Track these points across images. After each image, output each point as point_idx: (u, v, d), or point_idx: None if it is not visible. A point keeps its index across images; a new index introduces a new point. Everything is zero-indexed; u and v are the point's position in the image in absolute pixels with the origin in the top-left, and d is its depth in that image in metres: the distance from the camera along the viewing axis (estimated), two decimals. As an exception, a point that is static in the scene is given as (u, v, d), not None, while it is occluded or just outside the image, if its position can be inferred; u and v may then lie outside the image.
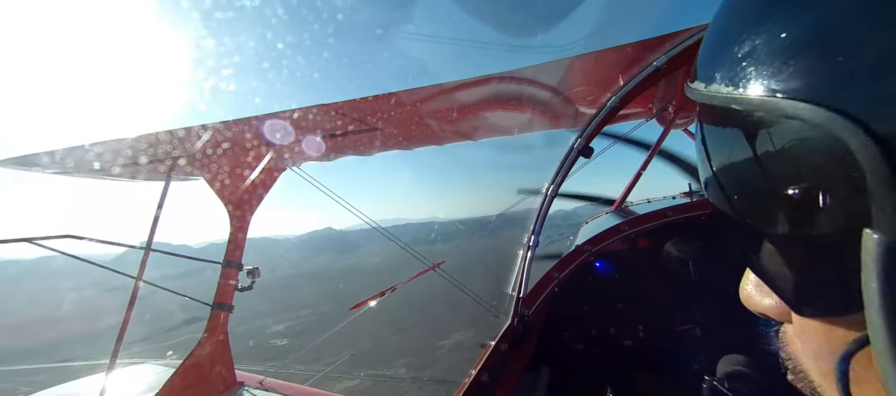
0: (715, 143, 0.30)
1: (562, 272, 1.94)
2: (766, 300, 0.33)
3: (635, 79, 1.54)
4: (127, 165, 2.58)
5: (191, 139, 2.18)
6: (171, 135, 2.11)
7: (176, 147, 2.29)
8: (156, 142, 2.22)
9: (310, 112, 1.92)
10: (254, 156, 2.42)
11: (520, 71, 1.66)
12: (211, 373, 2.45)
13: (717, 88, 0.28)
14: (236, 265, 2.59)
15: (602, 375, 1.88)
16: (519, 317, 1.74)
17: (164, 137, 2.13)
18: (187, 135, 2.14)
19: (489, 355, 1.63)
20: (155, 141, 2.19)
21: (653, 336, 1.94)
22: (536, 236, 1.84)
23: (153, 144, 2.25)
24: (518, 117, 2.21)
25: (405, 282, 2.51)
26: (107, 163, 2.51)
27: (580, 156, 1.76)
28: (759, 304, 0.34)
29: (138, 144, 2.26)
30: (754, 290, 0.35)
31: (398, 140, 2.45)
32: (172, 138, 2.15)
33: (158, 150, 2.36)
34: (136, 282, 2.36)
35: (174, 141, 2.19)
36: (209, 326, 2.49)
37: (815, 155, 0.22)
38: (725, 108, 0.28)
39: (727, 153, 0.29)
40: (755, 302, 0.34)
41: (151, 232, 2.46)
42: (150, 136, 2.14)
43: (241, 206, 2.57)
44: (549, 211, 1.88)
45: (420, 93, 1.84)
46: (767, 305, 0.33)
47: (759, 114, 0.25)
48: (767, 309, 0.33)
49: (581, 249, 1.99)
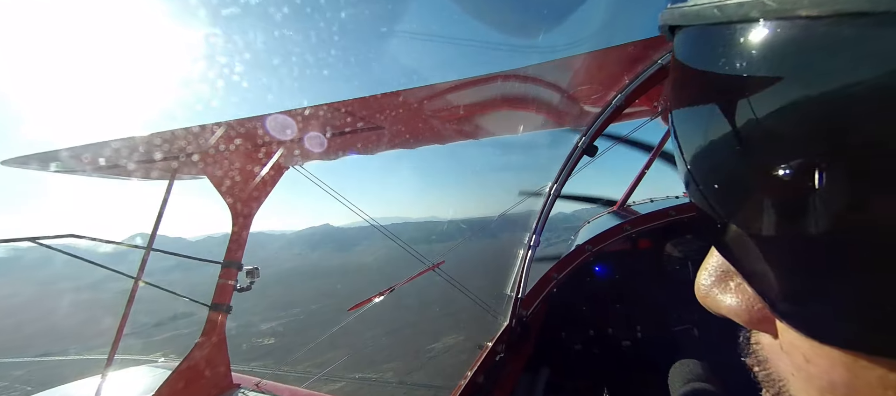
0: (688, 116, 0.23)
1: (561, 272, 1.93)
2: (731, 299, 0.25)
3: (640, 78, 1.56)
4: (132, 164, 2.60)
5: (197, 138, 2.20)
6: (176, 135, 2.13)
7: (181, 146, 2.31)
8: (162, 141, 2.23)
9: (318, 110, 1.93)
10: (261, 154, 2.43)
11: (524, 69, 1.68)
12: (208, 375, 2.41)
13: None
14: (236, 265, 2.57)
15: (600, 375, 1.86)
16: (517, 318, 1.73)
17: (170, 136, 2.15)
18: (193, 134, 2.15)
19: (486, 356, 1.61)
20: (161, 140, 2.21)
21: (651, 337, 1.92)
22: (537, 236, 1.84)
23: (159, 143, 2.27)
24: (522, 116, 2.22)
25: (404, 283, 2.49)
26: (112, 161, 2.53)
27: (584, 154, 1.76)
28: (721, 304, 0.26)
29: (144, 143, 2.28)
30: (715, 285, 0.26)
31: (404, 138, 2.46)
32: (177, 136, 2.16)
33: (164, 149, 2.37)
34: (136, 282, 2.35)
35: (179, 139, 2.20)
36: (207, 327, 2.45)
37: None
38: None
39: (704, 121, 0.21)
40: (714, 301, 0.26)
41: (153, 231, 2.45)
42: (155, 135, 2.16)
43: (245, 205, 2.57)
44: (552, 211, 1.88)
45: (426, 91, 1.86)
46: (732, 307, 0.25)
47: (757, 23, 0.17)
48: (732, 311, 0.25)
49: (581, 249, 1.98)
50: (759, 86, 0.17)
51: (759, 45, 0.17)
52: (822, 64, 0.15)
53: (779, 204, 0.18)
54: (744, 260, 0.21)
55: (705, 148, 0.21)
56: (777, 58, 0.17)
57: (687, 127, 0.24)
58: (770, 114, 0.17)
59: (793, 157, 0.16)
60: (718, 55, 0.20)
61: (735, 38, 0.19)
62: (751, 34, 0.18)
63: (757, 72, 0.17)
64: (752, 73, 0.18)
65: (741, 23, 0.18)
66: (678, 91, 0.25)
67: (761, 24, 0.17)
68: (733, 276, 0.25)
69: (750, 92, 0.18)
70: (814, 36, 0.15)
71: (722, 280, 0.26)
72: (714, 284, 0.26)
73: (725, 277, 0.26)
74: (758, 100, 0.17)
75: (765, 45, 0.17)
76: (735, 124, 0.19)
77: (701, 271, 0.28)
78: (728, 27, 0.19)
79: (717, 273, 0.26)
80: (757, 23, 0.17)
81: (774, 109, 0.17)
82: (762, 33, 0.17)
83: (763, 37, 0.17)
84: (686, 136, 0.23)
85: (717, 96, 0.20)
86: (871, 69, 0.13)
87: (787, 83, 0.16)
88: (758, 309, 0.23)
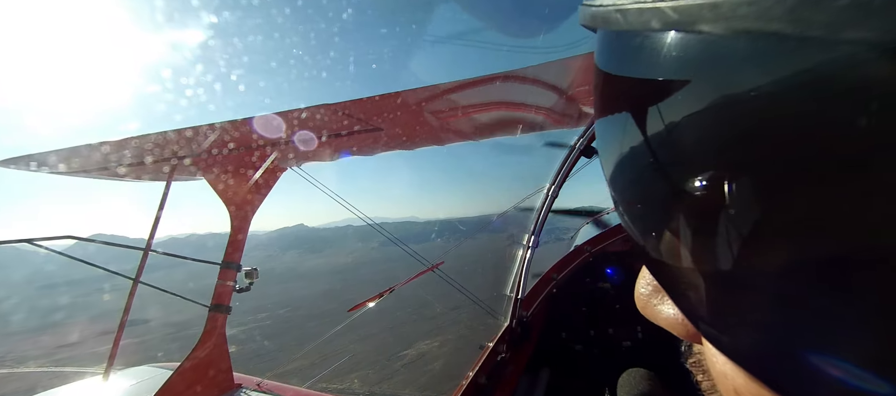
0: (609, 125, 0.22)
1: (560, 273, 1.94)
2: (668, 309, 0.24)
3: None
4: (130, 165, 2.58)
5: (195, 139, 2.18)
6: (175, 136, 2.11)
7: (179, 147, 2.30)
8: (160, 143, 2.22)
9: (317, 111, 1.92)
10: (257, 156, 2.42)
11: (523, 70, 1.67)
12: (209, 375, 2.42)
13: None
14: (235, 266, 2.57)
15: (601, 376, 1.87)
16: (517, 319, 1.73)
17: (168, 137, 2.13)
18: (191, 135, 2.14)
19: (487, 356, 1.62)
20: (158, 141, 2.19)
21: (651, 337, 1.93)
22: (536, 237, 1.84)
23: (157, 144, 2.25)
24: (521, 117, 2.22)
25: (403, 284, 2.49)
26: (110, 163, 2.51)
27: (582, 156, 1.76)
28: (658, 315, 0.25)
29: (142, 144, 2.27)
30: (652, 296, 0.25)
31: (402, 140, 2.45)
32: (176, 138, 2.15)
33: (162, 151, 2.36)
34: (135, 282, 2.35)
35: (178, 141, 2.19)
36: (207, 328, 2.46)
37: None
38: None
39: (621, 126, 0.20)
40: (653, 312, 0.25)
41: (151, 232, 2.44)
42: (153, 136, 2.14)
43: (243, 206, 2.56)
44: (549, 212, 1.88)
45: (424, 93, 1.85)
46: (668, 318, 0.24)
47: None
48: (668, 323, 0.24)
49: (580, 249, 1.98)
50: (663, 95, 0.17)
51: (661, 55, 0.17)
52: (722, 76, 0.15)
53: (684, 220, 0.17)
54: (663, 276, 0.20)
55: (620, 159, 0.21)
56: (679, 68, 0.16)
57: (605, 137, 0.22)
58: (673, 126, 0.16)
59: (695, 170, 0.16)
60: (625, 62, 0.19)
61: (636, 45, 0.18)
62: (652, 43, 0.17)
63: (660, 81, 0.17)
64: (656, 82, 0.17)
65: (643, 32, 0.18)
66: (596, 97, 0.23)
67: (662, 35, 0.17)
68: None
69: (654, 101, 0.17)
70: (714, 49, 0.15)
71: (658, 289, 0.25)
72: (651, 294, 0.25)
73: (661, 288, 0.24)
74: (664, 109, 0.17)
75: (666, 56, 0.16)
76: (645, 134, 0.18)
77: (639, 279, 0.26)
78: (630, 34, 0.18)
79: (653, 282, 0.25)
80: (658, 33, 0.17)
81: (676, 120, 0.16)
82: (663, 43, 0.17)
83: (664, 47, 0.17)
84: (605, 148, 0.22)
85: (627, 104, 0.19)
86: (769, 82, 0.13)
87: (688, 93, 0.16)
88: (686, 321, 0.22)
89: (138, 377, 2.81)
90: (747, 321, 0.16)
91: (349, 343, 11.23)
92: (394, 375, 9.37)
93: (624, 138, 0.19)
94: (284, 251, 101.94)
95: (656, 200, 0.19)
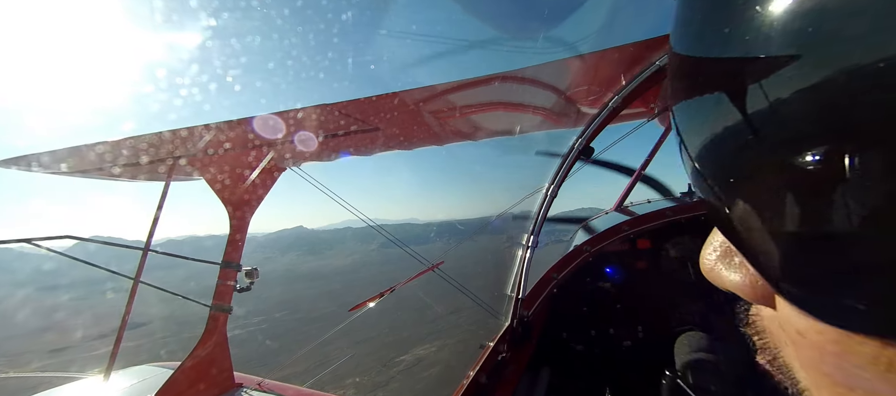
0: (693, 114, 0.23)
1: (561, 272, 1.94)
2: (734, 274, 0.26)
3: (638, 79, 1.55)
4: (128, 165, 2.58)
5: (193, 139, 2.18)
6: (172, 135, 2.11)
7: (177, 147, 2.29)
8: (157, 142, 2.22)
9: (313, 112, 1.92)
10: (255, 156, 2.42)
11: (521, 71, 1.67)
12: (210, 374, 2.43)
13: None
14: (235, 266, 2.58)
15: (601, 376, 1.87)
16: (518, 318, 1.74)
17: (166, 137, 2.13)
18: (189, 135, 2.14)
19: (488, 356, 1.62)
20: (156, 141, 2.19)
21: (652, 337, 1.93)
22: (536, 236, 1.84)
23: (155, 144, 2.25)
24: (520, 117, 2.22)
25: (403, 284, 2.50)
26: (107, 163, 2.51)
27: (581, 156, 1.76)
28: (725, 279, 0.26)
29: (139, 144, 2.26)
30: (720, 261, 0.27)
31: (400, 140, 2.45)
32: (174, 138, 2.15)
33: (160, 150, 2.36)
34: (135, 282, 2.36)
35: (176, 141, 2.19)
36: (208, 327, 2.47)
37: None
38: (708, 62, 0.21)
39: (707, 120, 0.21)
40: (718, 276, 0.27)
41: (150, 232, 2.45)
42: (151, 136, 2.14)
43: (241, 207, 2.56)
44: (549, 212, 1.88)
45: (422, 93, 1.84)
46: (735, 281, 0.26)
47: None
48: (736, 286, 0.26)
49: (580, 249, 1.98)
50: (768, 68, 0.17)
51: (767, 20, 0.16)
52: (839, 35, 0.14)
53: (784, 191, 0.18)
54: (747, 243, 0.21)
55: (710, 139, 0.21)
56: (789, 33, 0.16)
57: (690, 119, 0.23)
58: (779, 101, 0.16)
59: (801, 144, 0.16)
60: (722, 37, 0.19)
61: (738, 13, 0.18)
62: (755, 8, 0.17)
63: (765, 53, 0.17)
64: (760, 55, 0.17)
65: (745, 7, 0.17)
66: (678, 81, 0.24)
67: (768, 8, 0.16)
68: (736, 253, 0.26)
69: (757, 76, 0.17)
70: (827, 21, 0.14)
71: (726, 255, 0.27)
72: (718, 259, 0.27)
73: (729, 253, 0.26)
74: (768, 85, 0.17)
75: (773, 20, 0.16)
76: (744, 111, 0.18)
77: (706, 246, 0.28)
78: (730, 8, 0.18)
79: (721, 248, 0.27)
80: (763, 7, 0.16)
81: (785, 93, 0.16)
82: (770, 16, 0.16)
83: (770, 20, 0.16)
84: (689, 129, 0.23)
85: (723, 83, 0.20)
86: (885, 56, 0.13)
87: (798, 63, 0.16)
88: (760, 285, 0.24)
89: (139, 376, 2.81)
90: (846, 282, 0.17)
91: (346, 347, 11.17)
92: (389, 381, 9.32)
93: (717, 116, 0.20)
94: (284, 253, 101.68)
95: (758, 173, 0.19)
